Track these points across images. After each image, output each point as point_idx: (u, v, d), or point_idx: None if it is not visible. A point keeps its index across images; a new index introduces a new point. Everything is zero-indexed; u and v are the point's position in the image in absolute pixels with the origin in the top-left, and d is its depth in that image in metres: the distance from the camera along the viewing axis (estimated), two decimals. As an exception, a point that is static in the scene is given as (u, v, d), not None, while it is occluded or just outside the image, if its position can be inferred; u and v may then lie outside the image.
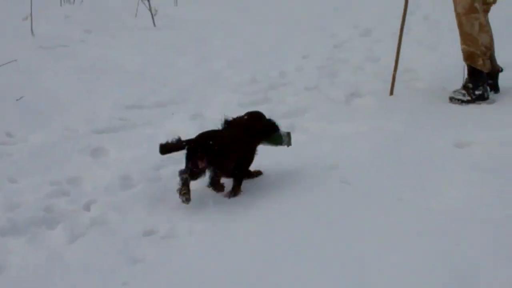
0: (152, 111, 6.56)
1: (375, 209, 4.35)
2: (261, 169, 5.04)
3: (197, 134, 4.81)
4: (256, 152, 4.96)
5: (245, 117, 5.09)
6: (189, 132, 5.88)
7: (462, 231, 3.97)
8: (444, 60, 7.86)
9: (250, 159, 4.94)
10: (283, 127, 5.15)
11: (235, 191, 4.76)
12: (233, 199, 4.65)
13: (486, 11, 6.47)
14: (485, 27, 6.41)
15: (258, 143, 4.98)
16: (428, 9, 10.63)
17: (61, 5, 10.40)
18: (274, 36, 9.31)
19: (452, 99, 6.47)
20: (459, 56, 6.57)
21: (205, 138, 4.70)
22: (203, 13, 10.31)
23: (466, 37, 6.40)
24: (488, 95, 6.47)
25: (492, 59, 6.60)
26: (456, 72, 7.03)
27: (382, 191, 4.61)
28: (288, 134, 5.12)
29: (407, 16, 9.96)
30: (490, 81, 6.62)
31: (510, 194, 4.47)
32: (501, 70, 6.69)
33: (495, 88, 6.67)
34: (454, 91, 6.50)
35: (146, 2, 9.51)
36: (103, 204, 4.60)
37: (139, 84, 7.27)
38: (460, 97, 6.43)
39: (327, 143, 5.57)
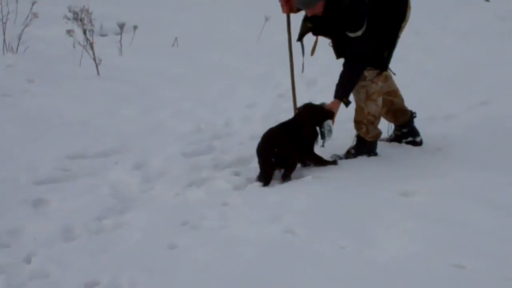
0: (94, 161, 6.47)
1: (317, 259, 4.32)
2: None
3: (263, 135, 5.97)
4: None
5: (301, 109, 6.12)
6: (133, 182, 5.85)
7: (403, 282, 3.95)
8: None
9: (310, 144, 6.01)
10: (229, 174, 5.15)
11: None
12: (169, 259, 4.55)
13: (384, 80, 6.39)
14: (373, 96, 6.28)
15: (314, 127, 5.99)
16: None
17: (3, 54, 10.27)
18: (219, 85, 9.30)
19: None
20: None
21: (271, 145, 5.85)
22: (148, 62, 10.27)
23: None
24: None
25: (398, 114, 6.63)
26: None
27: (324, 240, 4.57)
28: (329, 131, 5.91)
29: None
30: (404, 130, 6.67)
31: (453, 243, 4.46)
32: (415, 116, 6.69)
33: (414, 134, 6.68)
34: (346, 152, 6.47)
35: (90, 52, 9.45)
36: (44, 256, 4.50)
37: (82, 134, 7.18)
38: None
39: (272, 192, 5.55)
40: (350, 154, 6.42)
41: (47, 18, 11.38)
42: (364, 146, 6.42)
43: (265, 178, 5.80)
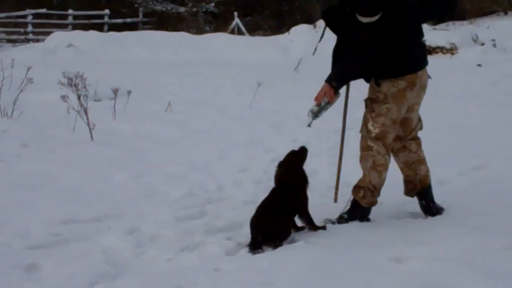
0: (87, 226, 6.47)
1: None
2: None
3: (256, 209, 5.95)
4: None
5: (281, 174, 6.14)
6: (125, 247, 5.85)
7: None
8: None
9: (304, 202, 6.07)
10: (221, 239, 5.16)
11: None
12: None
13: (397, 151, 6.43)
14: (379, 167, 6.25)
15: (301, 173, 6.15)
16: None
17: (-2, 119, 10.35)
18: (211, 150, 9.37)
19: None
20: (396, 171, 6.66)
21: (262, 222, 5.82)
22: (141, 127, 10.36)
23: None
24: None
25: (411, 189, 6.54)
26: (393, 190, 7.14)
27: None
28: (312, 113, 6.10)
29: (346, 131, 10.22)
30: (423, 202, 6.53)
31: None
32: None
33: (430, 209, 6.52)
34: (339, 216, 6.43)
35: (84, 117, 9.52)
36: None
37: (75, 199, 7.19)
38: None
39: (264, 258, 5.55)
40: (343, 219, 6.38)
41: (42, 84, 11.49)
42: (357, 211, 6.38)
43: (254, 249, 5.81)
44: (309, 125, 6.16)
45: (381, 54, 5.92)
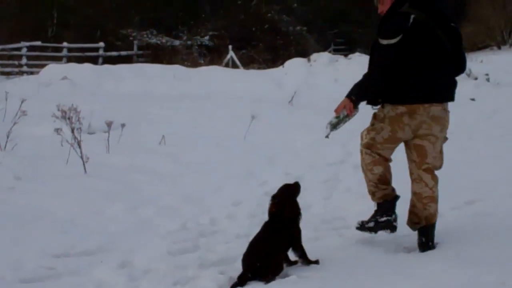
0: (80, 259, 6.45)
1: None
2: None
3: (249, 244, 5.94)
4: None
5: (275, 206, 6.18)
6: (118, 281, 5.82)
7: None
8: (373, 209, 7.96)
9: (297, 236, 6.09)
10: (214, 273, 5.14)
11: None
12: None
13: (412, 181, 6.55)
14: (369, 165, 6.48)
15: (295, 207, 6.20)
16: (359, 159, 10.84)
17: (-9, 152, 10.33)
18: (205, 182, 9.36)
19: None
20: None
21: (253, 259, 5.79)
22: (135, 160, 10.35)
23: None
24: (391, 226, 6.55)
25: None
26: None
27: None
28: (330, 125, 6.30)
29: (338, 164, 10.22)
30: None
31: None
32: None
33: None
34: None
35: (78, 150, 9.51)
36: None
37: (68, 232, 7.17)
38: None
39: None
40: (369, 222, 6.56)
41: (36, 116, 11.50)
42: (378, 210, 6.54)
43: (240, 285, 5.74)
44: (327, 137, 6.42)
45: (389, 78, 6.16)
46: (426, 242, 6.44)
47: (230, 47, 31.06)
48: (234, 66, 29.66)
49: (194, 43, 35.79)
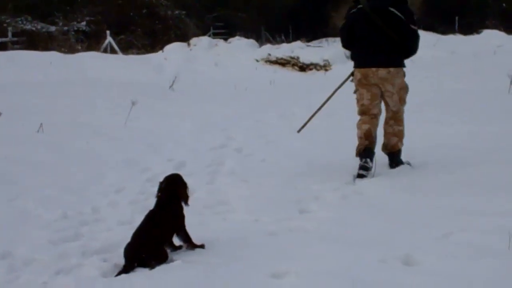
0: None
1: None
2: None
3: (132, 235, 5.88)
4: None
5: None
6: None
7: None
8: (256, 192, 8.03)
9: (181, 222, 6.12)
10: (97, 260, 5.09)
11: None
12: None
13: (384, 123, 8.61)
14: (358, 123, 8.51)
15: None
16: (241, 143, 10.91)
17: None
18: (85, 171, 9.22)
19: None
20: (271, 187, 6.74)
21: (138, 250, 5.75)
22: (12, 150, 10.07)
23: None
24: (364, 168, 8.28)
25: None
26: (269, 206, 7.23)
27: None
28: None
29: (221, 149, 10.27)
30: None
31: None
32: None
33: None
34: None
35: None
36: None
37: None
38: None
39: (141, 278, 5.50)
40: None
41: None
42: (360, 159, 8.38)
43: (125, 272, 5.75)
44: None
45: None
46: (391, 163, 8.66)
47: (108, 32, 30.62)
48: (113, 51, 29.28)
49: (70, 28, 35.13)
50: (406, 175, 8.20)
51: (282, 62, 21.54)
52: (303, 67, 21.17)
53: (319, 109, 9.47)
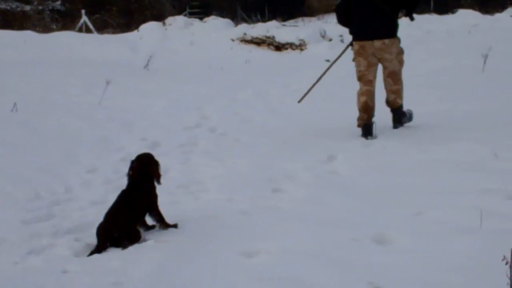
0: None
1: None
2: None
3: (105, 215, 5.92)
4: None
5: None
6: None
7: None
8: (229, 171, 8.03)
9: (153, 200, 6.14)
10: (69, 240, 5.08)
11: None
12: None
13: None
14: (357, 94, 9.33)
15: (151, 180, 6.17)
16: (215, 122, 10.89)
17: None
18: (59, 150, 9.14)
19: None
20: (245, 167, 6.73)
21: (110, 230, 5.79)
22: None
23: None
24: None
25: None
26: (242, 185, 7.23)
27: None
28: None
29: (195, 129, 10.24)
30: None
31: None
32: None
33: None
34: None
35: None
36: None
37: None
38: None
39: (113, 258, 5.49)
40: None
41: None
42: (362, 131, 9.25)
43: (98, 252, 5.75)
44: None
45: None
46: (395, 118, 9.52)
47: (83, 11, 30.38)
48: (88, 31, 29.07)
49: (45, 8, 34.86)
50: (380, 154, 8.22)
51: (257, 42, 21.50)
52: (279, 47, 21.14)
53: (318, 80, 10.17)
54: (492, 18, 22.26)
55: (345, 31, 10.96)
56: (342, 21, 9.67)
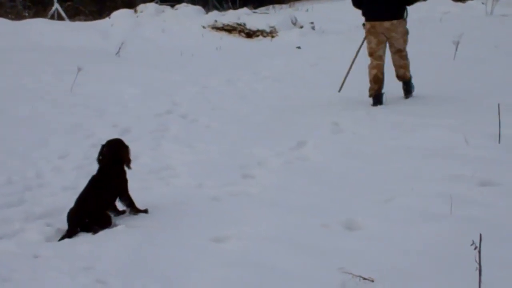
0: None
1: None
2: None
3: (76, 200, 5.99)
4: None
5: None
6: None
7: None
8: (200, 158, 8.06)
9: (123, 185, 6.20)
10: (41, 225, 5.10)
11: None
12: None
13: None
14: (369, 68, 10.28)
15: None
16: (186, 109, 10.88)
17: None
18: (30, 136, 9.11)
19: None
20: (215, 153, 6.79)
21: (81, 215, 5.85)
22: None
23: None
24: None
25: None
26: (213, 171, 7.26)
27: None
28: None
29: (166, 115, 10.24)
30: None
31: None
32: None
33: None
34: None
35: None
36: None
37: None
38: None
39: (84, 242, 5.52)
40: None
41: None
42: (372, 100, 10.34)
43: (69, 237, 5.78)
44: None
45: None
46: (405, 90, 10.51)
47: (55, -1, 30.16)
48: (60, 18, 28.86)
49: (17, -5, 34.53)
50: (350, 141, 8.27)
51: (228, 29, 21.41)
52: (250, 34, 21.07)
53: (351, 65, 11.00)
54: (464, 6, 22.34)
55: (316, 17, 11.10)
56: (356, 3, 10.54)
